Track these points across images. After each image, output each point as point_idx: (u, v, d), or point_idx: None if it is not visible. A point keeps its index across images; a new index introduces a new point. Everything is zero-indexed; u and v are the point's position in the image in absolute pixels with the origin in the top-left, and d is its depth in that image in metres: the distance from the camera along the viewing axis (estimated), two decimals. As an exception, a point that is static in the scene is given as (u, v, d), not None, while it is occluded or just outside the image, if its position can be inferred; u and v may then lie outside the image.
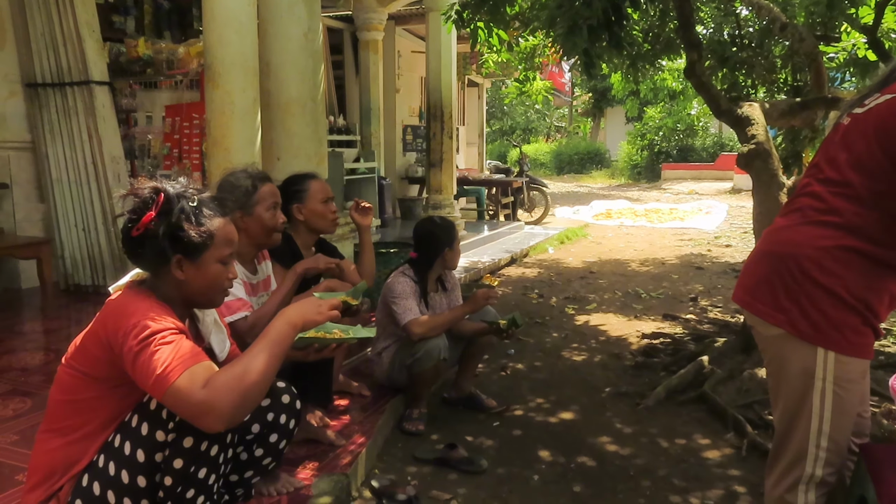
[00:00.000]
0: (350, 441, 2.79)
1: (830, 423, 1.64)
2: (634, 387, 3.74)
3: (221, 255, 1.71)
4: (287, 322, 1.65)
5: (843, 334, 1.61)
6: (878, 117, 1.56)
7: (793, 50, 4.75)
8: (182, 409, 1.51)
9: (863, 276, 1.59)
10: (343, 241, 4.66)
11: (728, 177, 17.97)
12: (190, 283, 1.69)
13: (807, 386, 1.64)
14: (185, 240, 1.65)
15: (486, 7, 4.58)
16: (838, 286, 1.59)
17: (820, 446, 1.66)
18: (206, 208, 1.71)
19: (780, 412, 1.75)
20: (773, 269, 1.69)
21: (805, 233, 1.65)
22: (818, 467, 1.67)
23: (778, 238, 1.72)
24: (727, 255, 8.18)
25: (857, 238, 1.58)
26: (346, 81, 9.71)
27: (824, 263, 1.60)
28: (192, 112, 5.09)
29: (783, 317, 1.65)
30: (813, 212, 1.65)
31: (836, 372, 1.62)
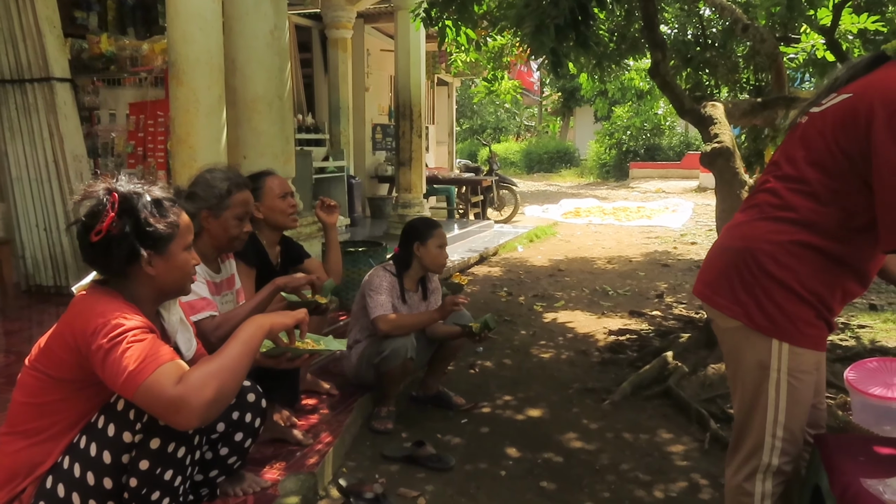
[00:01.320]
0: (317, 440, 2.78)
1: (785, 413, 1.68)
2: (601, 383, 3.78)
3: (186, 242, 1.72)
4: (256, 324, 1.66)
5: (797, 326, 1.64)
6: (836, 116, 1.59)
7: (754, 50, 4.84)
8: (154, 407, 1.49)
9: (816, 271, 1.62)
10: (311, 240, 4.64)
11: (694, 175, 18.24)
12: (160, 277, 1.68)
13: (762, 377, 1.68)
14: (153, 234, 1.64)
15: (454, 6, 4.59)
16: (792, 280, 1.62)
17: (776, 436, 1.70)
18: (163, 200, 1.70)
19: (738, 403, 1.79)
20: (730, 263, 1.72)
21: (761, 228, 1.68)
22: (774, 457, 1.71)
23: (736, 233, 1.75)
24: (692, 253, 8.31)
25: (811, 233, 1.62)
26: (315, 80, 9.65)
27: (779, 257, 1.63)
28: (157, 110, 5.03)
29: (740, 309, 1.68)
30: (770, 208, 1.68)
31: (790, 363, 1.65)
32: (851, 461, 1.69)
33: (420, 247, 3.28)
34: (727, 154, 3.73)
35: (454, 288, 4.94)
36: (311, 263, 3.16)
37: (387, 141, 10.55)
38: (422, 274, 3.38)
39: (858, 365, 2.03)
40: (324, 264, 3.20)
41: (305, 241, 4.31)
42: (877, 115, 1.48)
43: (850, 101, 1.57)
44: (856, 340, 4.36)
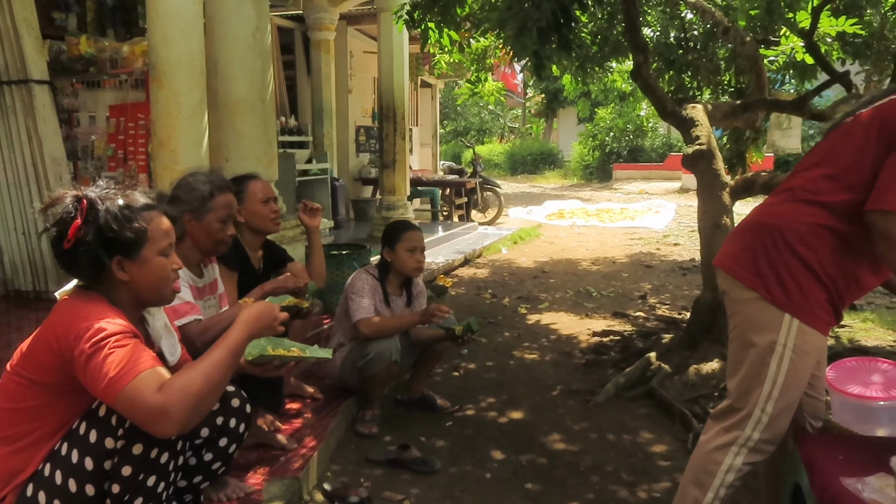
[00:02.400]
0: (302, 444, 2.77)
1: (781, 388, 1.76)
2: (585, 384, 3.80)
3: (160, 247, 1.70)
4: (242, 330, 1.65)
5: (810, 306, 1.74)
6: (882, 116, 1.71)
7: (735, 53, 4.89)
8: (135, 414, 1.48)
9: (837, 257, 1.73)
10: (294, 243, 4.62)
11: (676, 176, 18.36)
12: (136, 282, 1.67)
13: (768, 350, 1.76)
14: (118, 240, 1.62)
15: (437, 8, 4.60)
16: (814, 260, 1.73)
17: (765, 411, 1.77)
18: (134, 204, 1.68)
19: (738, 375, 1.84)
20: (757, 238, 1.81)
21: (793, 209, 1.79)
22: (757, 431, 1.78)
23: (768, 211, 1.86)
24: (675, 254, 8.37)
25: (838, 219, 1.73)
26: (298, 82, 9.62)
27: (805, 237, 1.74)
28: (138, 112, 4.98)
29: (760, 281, 1.77)
30: (803, 192, 1.80)
31: (797, 339, 1.74)
32: (831, 460, 1.71)
33: (390, 252, 3.27)
34: (708, 156, 3.76)
35: (439, 290, 4.95)
36: (294, 267, 3.15)
37: (370, 143, 10.52)
38: (403, 278, 3.36)
39: (837, 364, 2.06)
40: (307, 267, 3.19)
41: (289, 245, 4.29)
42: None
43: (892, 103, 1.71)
44: (835, 340, 4.41)
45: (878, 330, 4.73)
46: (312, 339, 3.97)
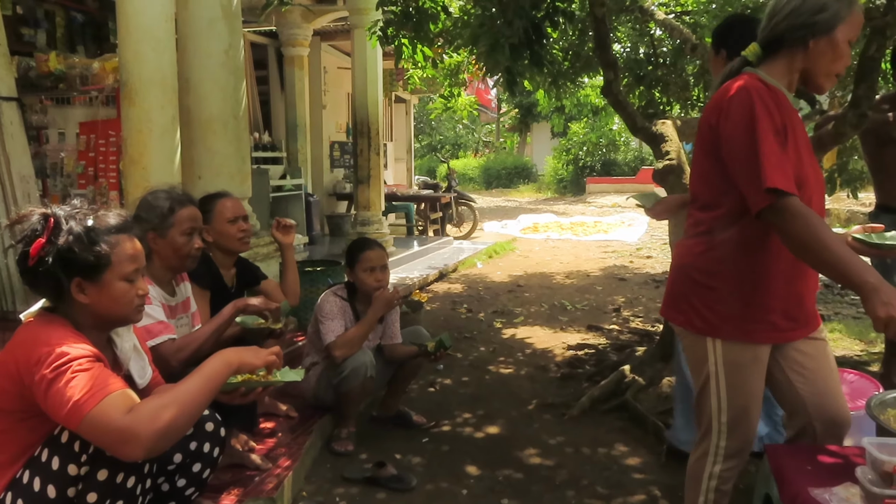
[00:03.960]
0: (276, 464, 2.74)
1: (727, 401, 1.88)
2: (560, 398, 3.82)
3: (124, 272, 1.66)
4: (224, 361, 1.64)
5: (729, 323, 1.84)
6: (699, 136, 1.88)
7: (704, 69, 4.99)
8: (101, 437, 1.46)
9: (735, 266, 1.83)
10: (268, 260, 4.60)
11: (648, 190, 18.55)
12: (95, 305, 1.64)
13: (705, 371, 1.90)
14: (77, 262, 1.60)
15: (410, 24, 4.64)
16: (717, 282, 1.85)
17: (721, 421, 1.90)
18: (101, 226, 1.65)
19: (695, 396, 2.01)
20: (674, 280, 2.00)
21: (687, 245, 1.94)
22: (722, 439, 1.91)
23: (676, 254, 2.04)
24: (648, 267, 8.46)
25: (717, 235, 1.84)
26: (272, 97, 9.60)
27: (701, 266, 1.88)
28: (109, 129, 4.93)
29: (682, 317, 1.94)
30: (689, 228, 1.96)
31: (724, 358, 1.86)
32: (799, 470, 1.74)
33: (350, 272, 3.26)
34: (678, 171, 3.82)
35: (413, 305, 4.96)
36: (267, 285, 3.13)
37: (345, 158, 10.52)
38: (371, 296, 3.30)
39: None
40: (281, 285, 3.18)
41: (262, 262, 4.27)
42: (717, 118, 1.77)
43: (701, 119, 1.88)
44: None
45: (845, 340, 4.82)
46: (287, 357, 3.94)
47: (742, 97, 1.72)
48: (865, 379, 2.71)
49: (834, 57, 1.77)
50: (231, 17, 4.17)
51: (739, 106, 1.72)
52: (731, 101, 1.74)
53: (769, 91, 1.75)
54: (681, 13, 5.31)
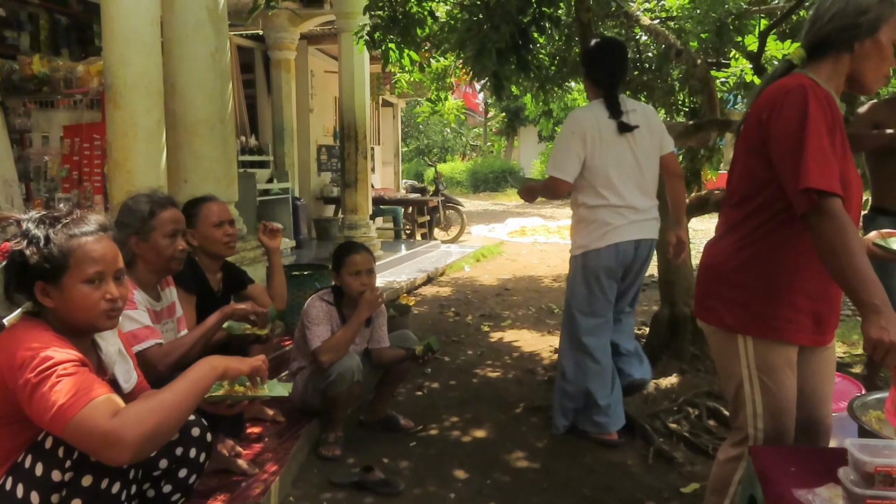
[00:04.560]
0: (263, 469, 2.73)
1: (763, 406, 1.87)
2: (547, 401, 3.81)
3: (85, 275, 1.62)
4: (210, 366, 1.63)
5: (763, 320, 1.83)
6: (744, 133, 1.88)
7: (688, 74, 5.03)
8: (86, 441, 1.45)
9: (764, 264, 1.83)
10: (255, 265, 4.58)
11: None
12: (60, 310, 1.63)
13: (737, 374, 1.89)
14: (36, 266, 1.59)
15: (397, 29, 4.65)
16: (748, 278, 1.85)
17: (757, 427, 1.89)
18: (63, 230, 1.63)
19: (731, 401, 1.99)
20: (702, 280, 2.00)
21: (717, 246, 1.96)
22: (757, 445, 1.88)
23: (705, 253, 2.03)
24: (635, 269, 8.49)
25: (748, 231, 1.85)
26: (258, 101, 9.57)
27: (731, 265, 1.87)
28: (93, 133, 4.89)
29: (711, 315, 1.93)
30: (721, 227, 1.98)
31: (756, 359, 1.85)
32: (783, 472, 1.75)
33: (337, 276, 3.25)
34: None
35: (401, 309, 4.95)
36: (254, 289, 3.12)
37: (332, 162, 10.51)
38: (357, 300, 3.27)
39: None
40: (268, 289, 3.17)
41: (249, 266, 4.26)
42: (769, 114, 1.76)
43: (750, 115, 1.87)
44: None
45: (829, 342, 4.86)
46: (274, 361, 3.93)
47: (798, 94, 1.72)
48: (848, 381, 2.74)
49: (880, 58, 1.78)
50: (217, 20, 4.16)
51: (794, 102, 1.71)
52: (787, 98, 1.73)
53: (827, 97, 1.75)
54: (665, 18, 5.35)
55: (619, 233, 3.16)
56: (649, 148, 3.24)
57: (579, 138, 3.14)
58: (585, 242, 3.25)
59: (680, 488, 2.82)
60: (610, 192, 3.15)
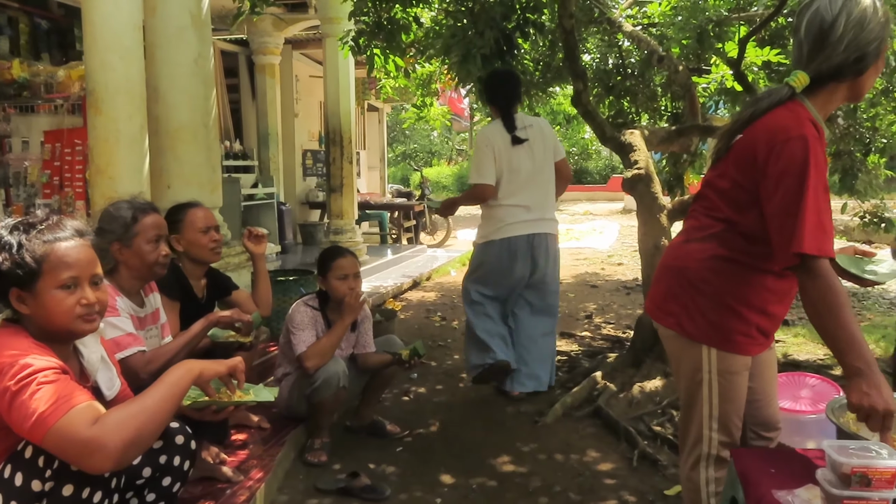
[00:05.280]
0: (248, 476, 2.72)
1: (719, 408, 1.90)
2: (533, 405, 3.83)
3: (59, 280, 1.61)
4: (186, 368, 1.63)
5: (723, 333, 1.85)
6: (736, 155, 1.84)
7: (670, 80, 5.08)
8: (67, 449, 1.44)
9: (735, 280, 1.84)
10: (239, 270, 4.57)
11: (619, 197, 18.79)
12: (36, 316, 1.62)
13: (696, 378, 1.90)
14: (5, 272, 1.58)
15: (382, 34, 4.66)
16: (715, 291, 1.85)
17: (712, 429, 1.91)
18: (35, 235, 1.62)
19: (682, 405, 2.00)
20: (667, 281, 1.97)
21: (688, 248, 1.93)
22: (713, 447, 1.92)
23: (671, 254, 2.01)
24: (619, 273, 8.55)
25: (726, 248, 1.84)
26: (243, 105, 9.53)
27: (702, 273, 1.87)
28: (74, 138, 4.86)
29: (673, 320, 1.92)
30: (694, 231, 1.94)
31: (718, 365, 1.87)
32: (764, 473, 1.77)
33: (323, 281, 3.24)
34: (647, 179, 3.88)
35: (387, 314, 4.95)
36: (239, 295, 3.11)
37: (317, 167, 10.48)
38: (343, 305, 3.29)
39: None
40: (252, 295, 3.16)
41: (234, 272, 4.24)
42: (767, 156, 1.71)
43: (743, 142, 1.81)
44: (771, 355, 4.56)
45: (808, 344, 4.91)
46: (259, 367, 3.91)
47: (799, 148, 1.67)
48: (827, 382, 2.77)
49: (878, 71, 1.79)
50: (201, 25, 4.15)
51: (793, 157, 1.67)
52: (786, 147, 1.68)
53: (820, 137, 1.73)
54: (647, 25, 5.40)
55: (511, 228, 3.76)
56: (543, 156, 3.86)
57: (490, 150, 3.77)
58: (485, 234, 3.88)
59: (664, 491, 2.84)
60: (506, 194, 3.77)
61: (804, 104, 1.78)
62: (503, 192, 3.77)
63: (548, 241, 3.83)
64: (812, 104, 1.79)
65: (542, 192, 3.84)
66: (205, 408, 1.77)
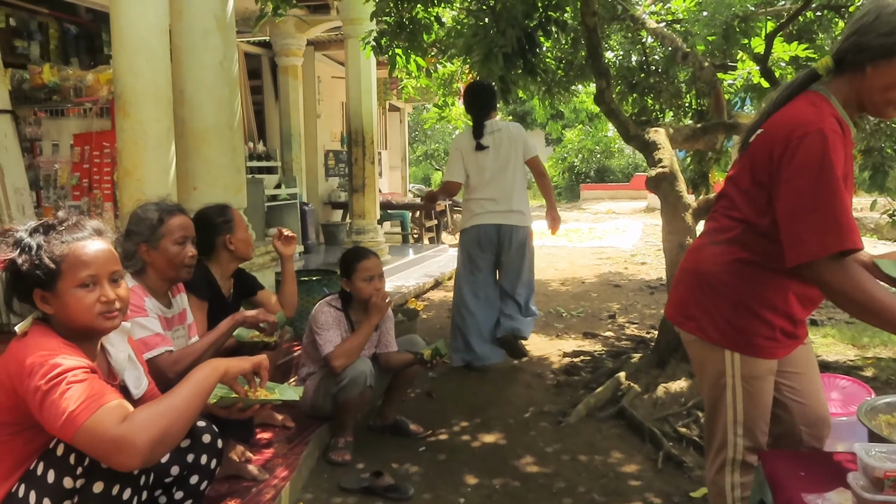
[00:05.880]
0: (273, 475, 2.75)
1: (744, 413, 1.87)
2: (556, 405, 3.82)
3: (78, 279, 1.63)
4: (211, 367, 1.65)
5: (746, 338, 1.82)
6: (755, 151, 1.79)
7: (695, 77, 5.03)
8: (96, 447, 1.46)
9: (757, 283, 1.81)
10: (264, 270, 4.60)
11: (642, 196, 18.64)
12: (60, 315, 1.64)
13: (720, 383, 1.88)
14: (30, 273, 1.61)
15: (404, 34, 4.67)
16: (737, 295, 1.82)
17: (737, 434, 1.88)
18: (53, 236, 1.65)
19: (707, 409, 1.97)
20: (687, 285, 1.95)
21: (709, 251, 1.89)
22: (738, 452, 1.90)
23: (691, 257, 1.98)
24: (643, 273, 8.49)
25: (747, 252, 1.81)
26: (266, 107, 9.62)
27: (723, 277, 1.84)
28: (103, 141, 4.93)
29: (695, 325, 1.89)
30: (715, 233, 1.91)
31: (742, 370, 1.84)
32: (793, 476, 1.75)
33: (348, 283, 3.26)
34: (671, 178, 3.85)
35: (409, 314, 4.97)
36: (263, 295, 3.14)
37: (340, 167, 10.54)
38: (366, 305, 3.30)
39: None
40: (279, 296, 3.18)
41: (259, 271, 4.27)
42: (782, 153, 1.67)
43: (762, 137, 1.76)
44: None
45: (838, 345, 4.84)
46: (283, 367, 3.95)
47: (816, 143, 1.61)
48: (857, 384, 2.73)
49: (892, 84, 1.65)
50: (225, 28, 4.18)
51: (809, 153, 1.61)
52: (802, 143, 1.63)
53: (841, 130, 1.66)
54: (672, 21, 5.35)
55: (479, 218, 4.48)
56: (507, 157, 4.53)
57: (459, 154, 4.57)
58: (463, 223, 4.65)
59: (690, 493, 2.81)
60: (474, 189, 4.52)
61: (829, 99, 1.72)
62: (473, 188, 4.52)
63: (513, 231, 4.47)
64: (837, 92, 1.72)
65: (507, 187, 4.50)
66: (231, 405, 1.79)
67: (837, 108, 1.71)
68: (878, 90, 1.67)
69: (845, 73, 1.71)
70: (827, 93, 1.73)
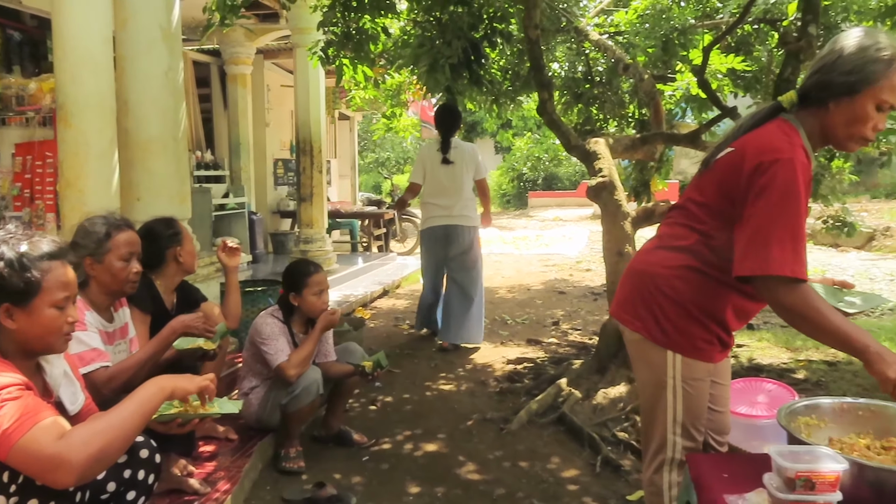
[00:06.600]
0: (215, 488, 2.73)
1: (683, 414, 1.94)
2: (499, 412, 3.89)
3: (54, 299, 1.65)
4: (157, 387, 1.65)
5: (688, 340, 1.90)
6: (723, 168, 1.85)
7: (636, 87, 5.18)
8: (31, 465, 1.45)
9: (703, 292, 1.88)
10: (209, 281, 4.56)
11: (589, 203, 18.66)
12: (22, 332, 1.64)
13: (661, 383, 1.93)
14: (8, 287, 1.60)
15: (351, 45, 4.69)
16: (682, 299, 1.89)
17: (676, 433, 1.95)
18: (34, 252, 1.65)
19: (644, 406, 2.04)
20: (635, 285, 2.00)
21: (660, 255, 1.96)
22: (676, 452, 1.96)
23: (642, 259, 2.04)
24: (587, 280, 8.66)
25: (698, 260, 1.88)
26: (214, 115, 9.48)
27: (671, 281, 1.90)
28: (46, 150, 4.81)
29: (640, 324, 1.95)
30: (668, 238, 1.97)
31: (683, 371, 1.91)
32: (716, 478, 1.84)
33: (296, 297, 3.24)
34: (611, 187, 3.96)
35: (356, 323, 4.97)
36: (207, 307, 3.11)
37: (289, 176, 10.46)
38: (309, 316, 3.30)
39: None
40: (222, 307, 3.16)
41: (203, 283, 4.24)
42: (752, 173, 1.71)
43: (732, 155, 1.82)
44: (734, 359, 4.68)
45: (773, 349, 5.04)
46: (227, 378, 3.91)
47: (788, 173, 1.67)
48: (783, 387, 2.85)
49: (853, 119, 1.71)
50: (171, 38, 4.14)
51: (779, 178, 1.67)
52: (773, 167, 1.68)
53: (808, 161, 1.72)
54: (614, 33, 5.50)
55: (432, 220, 5.37)
56: (464, 173, 5.32)
57: (422, 162, 5.42)
58: (420, 224, 5.68)
59: (626, 496, 2.91)
60: (430, 196, 5.38)
61: (798, 131, 1.79)
62: (429, 195, 5.37)
63: (458, 229, 5.29)
64: (802, 123, 1.80)
65: (456, 197, 5.30)
66: (170, 421, 1.79)
67: (804, 139, 1.80)
68: (841, 125, 1.75)
69: (809, 108, 1.79)
70: (797, 123, 1.81)
